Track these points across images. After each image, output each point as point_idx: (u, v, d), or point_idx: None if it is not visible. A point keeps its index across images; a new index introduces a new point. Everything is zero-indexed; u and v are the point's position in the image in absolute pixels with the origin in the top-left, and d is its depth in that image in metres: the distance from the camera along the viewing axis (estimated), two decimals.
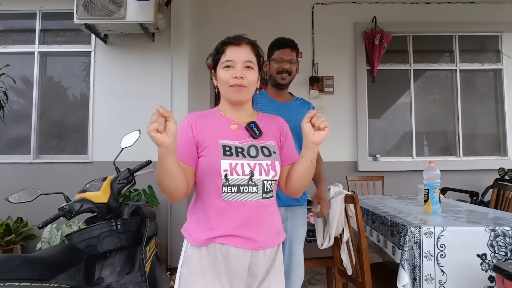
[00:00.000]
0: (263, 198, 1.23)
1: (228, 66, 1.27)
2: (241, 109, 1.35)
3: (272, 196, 1.29)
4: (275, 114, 1.47)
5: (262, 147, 1.28)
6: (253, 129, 1.30)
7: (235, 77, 1.25)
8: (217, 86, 1.35)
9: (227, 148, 1.23)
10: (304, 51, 4.68)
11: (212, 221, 1.22)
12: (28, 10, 4.18)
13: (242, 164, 1.21)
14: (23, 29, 4.32)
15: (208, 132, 1.27)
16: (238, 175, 1.19)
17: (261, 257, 1.24)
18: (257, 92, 1.40)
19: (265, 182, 1.23)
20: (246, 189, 1.20)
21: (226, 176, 1.19)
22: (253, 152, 1.26)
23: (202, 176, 1.24)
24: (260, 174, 1.22)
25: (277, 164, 1.27)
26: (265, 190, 1.24)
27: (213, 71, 1.36)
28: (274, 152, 1.29)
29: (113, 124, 3.81)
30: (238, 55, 1.28)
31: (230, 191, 1.19)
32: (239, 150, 1.24)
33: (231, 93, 1.28)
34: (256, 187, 1.21)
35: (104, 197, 1.91)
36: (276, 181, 1.28)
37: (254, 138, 1.29)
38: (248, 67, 1.28)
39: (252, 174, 1.21)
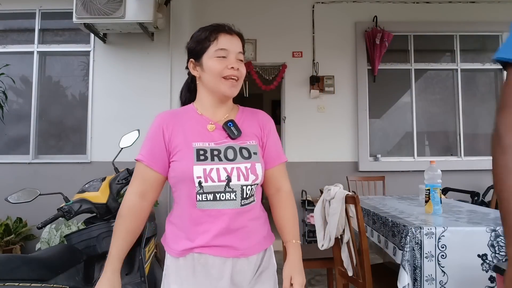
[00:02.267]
0: (242, 205, 1.12)
1: (222, 56, 1.15)
2: (222, 105, 1.23)
3: (253, 201, 1.17)
4: None
5: (241, 148, 1.16)
6: (230, 129, 1.18)
7: (232, 67, 1.14)
8: (195, 78, 1.22)
9: (201, 152, 1.12)
10: (305, 51, 4.67)
11: (188, 231, 1.13)
12: (28, 9, 4.18)
13: (217, 169, 1.10)
14: (23, 29, 4.32)
15: (181, 134, 1.16)
16: (213, 181, 1.09)
17: (245, 265, 1.15)
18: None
19: (244, 187, 1.12)
20: (223, 196, 1.10)
21: (200, 183, 1.08)
22: (230, 154, 1.13)
23: (175, 183, 1.15)
24: (239, 179, 1.11)
25: (258, 166, 1.15)
26: (244, 196, 1.12)
27: (192, 59, 1.22)
28: (255, 153, 1.17)
29: (112, 124, 3.80)
30: (233, 45, 1.17)
31: (206, 199, 1.09)
32: (215, 153, 1.13)
33: (224, 86, 1.15)
34: (234, 193, 1.11)
35: (103, 198, 1.90)
36: (257, 185, 1.17)
37: (232, 138, 1.17)
38: (240, 59, 1.18)
39: (229, 179, 1.10)
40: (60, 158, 3.99)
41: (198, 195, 1.09)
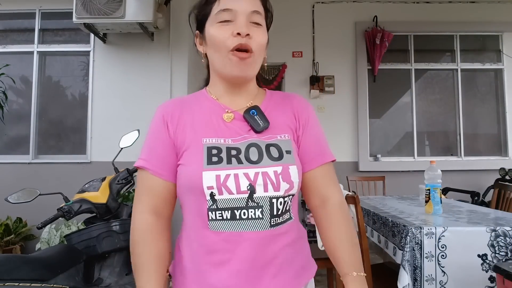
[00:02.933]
0: (272, 226, 0.80)
1: (226, 20, 0.83)
2: (240, 91, 0.92)
3: (290, 219, 0.85)
4: None
5: (268, 146, 0.84)
6: (254, 119, 0.87)
7: (238, 34, 0.81)
8: (205, 56, 0.92)
9: (214, 152, 0.81)
10: (305, 50, 4.67)
11: (200, 262, 0.82)
12: (28, 9, 4.18)
13: (236, 176, 0.79)
14: (22, 29, 4.32)
15: (188, 127, 0.86)
16: (230, 193, 0.78)
17: None
18: (264, 64, 0.95)
19: (275, 201, 0.80)
20: (244, 214, 0.79)
21: (212, 195, 0.78)
22: (254, 155, 0.82)
23: (181, 194, 0.86)
24: (266, 190, 0.79)
25: (293, 170, 0.83)
26: (275, 213, 0.81)
27: (197, 31, 0.92)
28: (288, 152, 0.85)
29: (112, 124, 3.80)
30: (241, 2, 0.83)
31: (221, 217, 0.79)
32: (233, 152, 0.82)
33: (230, 64, 0.84)
34: (260, 209, 0.79)
35: (103, 198, 1.90)
36: (293, 196, 0.85)
37: (256, 132, 0.86)
38: (255, 23, 0.85)
39: (252, 190, 0.79)
40: (60, 158, 3.99)
41: (210, 212, 0.79)
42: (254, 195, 0.79)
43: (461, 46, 4.87)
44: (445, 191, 3.93)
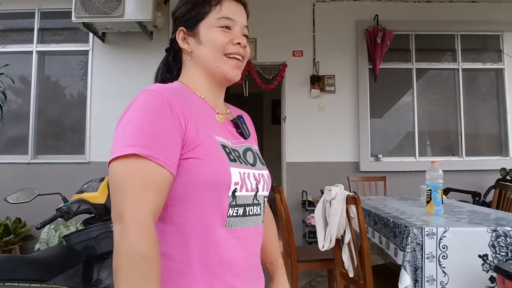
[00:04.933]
0: (262, 222, 0.90)
1: (227, 27, 0.88)
2: (221, 93, 0.95)
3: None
4: None
5: (256, 152, 0.94)
6: (243, 127, 0.93)
7: (238, 43, 0.87)
8: (180, 53, 0.93)
9: (227, 150, 0.82)
10: (305, 50, 4.65)
11: (212, 263, 0.77)
12: (27, 9, 4.17)
13: (249, 175, 0.83)
14: (22, 29, 4.31)
15: (193, 120, 0.79)
16: (247, 190, 0.82)
17: None
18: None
19: (266, 199, 0.91)
20: (251, 211, 0.84)
21: (234, 192, 0.79)
22: (250, 157, 0.88)
23: (188, 191, 0.77)
24: (263, 189, 0.88)
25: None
26: (264, 210, 0.91)
27: (182, 28, 0.90)
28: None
29: (110, 124, 3.77)
30: (239, 15, 0.90)
31: (236, 214, 0.80)
32: (236, 154, 0.84)
33: (226, 65, 0.87)
34: (259, 206, 0.87)
35: (102, 198, 1.89)
36: None
37: (244, 138, 0.93)
38: (245, 35, 0.91)
39: (257, 188, 0.86)
40: (58, 158, 3.98)
41: (230, 209, 0.79)
42: (258, 193, 0.86)
43: (462, 46, 4.85)
44: (446, 191, 3.92)
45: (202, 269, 0.76)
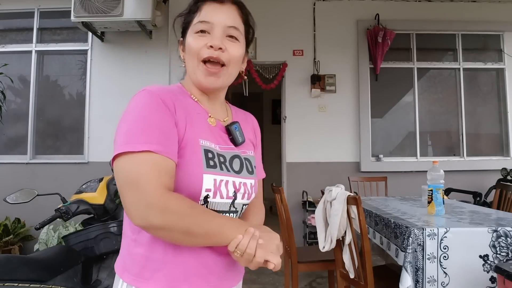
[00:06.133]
0: None
1: (202, 31, 0.87)
2: (215, 99, 0.96)
3: None
4: None
5: (245, 159, 0.93)
6: (235, 133, 0.93)
7: (211, 46, 0.85)
8: (183, 60, 0.95)
9: (210, 155, 0.84)
10: (306, 49, 4.64)
11: (176, 261, 0.82)
12: (27, 9, 4.17)
13: (227, 182, 0.85)
14: (21, 28, 4.31)
15: (183, 121, 0.83)
16: (222, 197, 0.84)
17: None
18: (244, 77, 1.01)
19: (244, 207, 0.93)
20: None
21: (206, 198, 0.82)
22: (236, 165, 0.89)
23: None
24: (243, 198, 0.90)
25: (257, 183, 0.96)
26: (241, 217, 0.94)
27: (181, 39, 0.95)
28: (254, 167, 0.97)
29: (109, 124, 3.78)
30: (219, 16, 0.88)
31: None
32: (221, 159, 0.86)
33: (201, 74, 0.87)
34: (236, 214, 0.90)
35: (101, 198, 1.89)
36: None
37: (235, 145, 0.93)
38: (231, 36, 0.89)
39: (235, 196, 0.87)
40: (57, 158, 3.98)
41: None
42: (235, 201, 0.88)
43: (463, 45, 4.84)
44: (447, 191, 3.92)
45: (164, 264, 0.81)
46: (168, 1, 3.80)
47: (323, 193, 2.25)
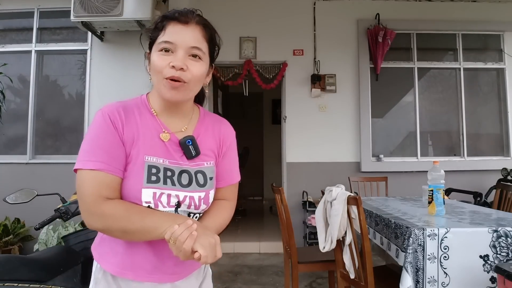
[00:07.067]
0: None
1: (166, 50, 0.94)
2: (177, 111, 1.03)
3: None
4: None
5: (196, 173, 1.01)
6: (188, 148, 1.00)
7: (173, 66, 0.92)
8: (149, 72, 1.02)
9: (154, 171, 0.95)
10: (306, 49, 4.64)
11: (126, 253, 0.99)
12: (26, 9, 4.16)
13: (169, 195, 0.96)
14: (21, 28, 4.31)
15: (131, 139, 0.96)
16: (163, 206, 0.95)
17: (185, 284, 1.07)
18: (206, 91, 1.12)
19: (192, 214, 1.01)
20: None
21: (148, 206, 0.95)
22: (185, 179, 0.99)
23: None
24: (189, 207, 0.99)
25: (211, 194, 1.04)
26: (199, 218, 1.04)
27: (148, 51, 1.02)
28: (211, 178, 1.04)
29: None
30: (183, 37, 0.94)
31: None
32: (168, 174, 0.97)
33: (164, 88, 0.95)
34: None
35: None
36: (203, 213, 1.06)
37: (187, 158, 1.01)
38: (194, 55, 0.96)
39: (178, 205, 0.97)
40: (57, 158, 3.98)
41: None
42: (179, 209, 0.98)
43: (463, 45, 4.84)
44: (448, 191, 3.91)
45: (120, 254, 0.99)
46: (167, 0, 3.79)
47: (323, 193, 2.24)
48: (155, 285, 1.01)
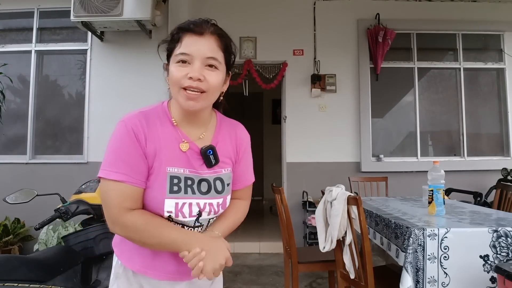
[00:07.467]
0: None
1: (183, 61, 0.97)
2: (196, 119, 1.06)
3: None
4: None
5: (215, 180, 1.06)
6: (209, 158, 1.04)
7: (191, 77, 0.95)
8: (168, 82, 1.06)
9: (175, 181, 0.99)
10: (306, 49, 4.64)
11: (149, 254, 1.05)
12: (26, 9, 4.17)
13: (190, 204, 1.01)
14: (21, 28, 4.31)
15: (154, 150, 0.99)
16: (184, 217, 1.01)
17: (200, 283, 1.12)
18: (221, 98, 1.12)
19: (211, 220, 1.08)
20: (190, 229, 1.05)
21: (169, 217, 1.00)
22: (204, 187, 1.04)
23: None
24: (209, 214, 1.05)
25: (228, 198, 1.10)
26: (208, 225, 1.09)
27: (166, 63, 1.06)
28: (228, 185, 1.10)
29: (109, 124, 3.73)
30: (198, 48, 0.97)
31: None
32: (189, 183, 1.01)
33: (182, 98, 0.97)
34: (201, 227, 1.07)
35: (100, 199, 1.88)
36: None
37: (207, 167, 1.05)
38: (210, 65, 0.98)
39: (200, 215, 1.03)
40: (57, 158, 3.98)
41: None
42: (200, 218, 1.04)
43: (463, 45, 4.84)
44: (448, 191, 3.91)
45: (143, 258, 1.04)
46: (167, 0, 3.79)
47: (323, 193, 2.24)
48: (172, 283, 1.07)
